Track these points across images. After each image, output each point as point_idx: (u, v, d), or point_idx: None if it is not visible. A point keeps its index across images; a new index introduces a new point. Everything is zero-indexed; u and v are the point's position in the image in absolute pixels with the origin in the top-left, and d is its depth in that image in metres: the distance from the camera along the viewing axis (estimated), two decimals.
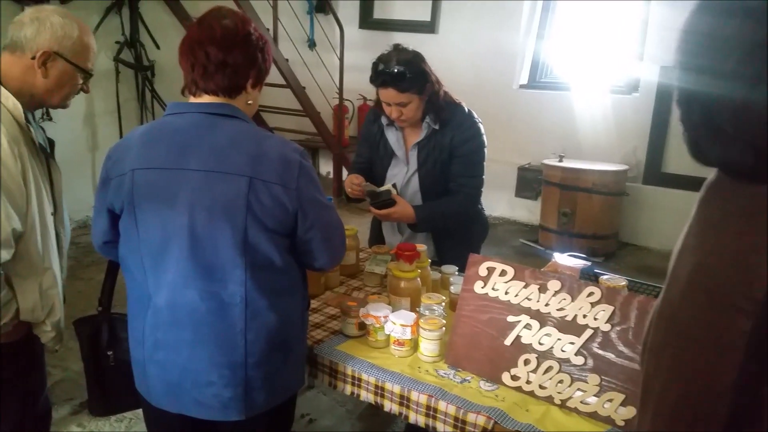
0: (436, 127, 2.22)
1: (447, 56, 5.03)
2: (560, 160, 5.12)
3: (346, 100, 6.20)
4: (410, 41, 2.24)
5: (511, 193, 5.76)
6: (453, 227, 2.30)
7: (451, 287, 1.93)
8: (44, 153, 1.65)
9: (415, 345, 1.66)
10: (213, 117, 1.40)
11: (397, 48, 2.16)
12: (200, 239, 1.36)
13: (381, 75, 2.11)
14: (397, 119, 2.19)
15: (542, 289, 1.53)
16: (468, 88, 2.22)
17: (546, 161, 5.21)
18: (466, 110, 2.26)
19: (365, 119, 2.47)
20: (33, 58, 1.55)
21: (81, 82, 1.68)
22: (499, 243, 5.13)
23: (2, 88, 1.53)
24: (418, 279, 1.85)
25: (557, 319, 1.50)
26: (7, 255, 1.50)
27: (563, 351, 1.48)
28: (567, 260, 1.93)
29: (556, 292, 1.51)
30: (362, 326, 1.72)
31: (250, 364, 1.43)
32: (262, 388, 1.45)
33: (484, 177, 2.28)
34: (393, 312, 1.69)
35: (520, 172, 5.74)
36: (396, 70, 2.07)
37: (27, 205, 1.54)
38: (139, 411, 1.74)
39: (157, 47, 5.15)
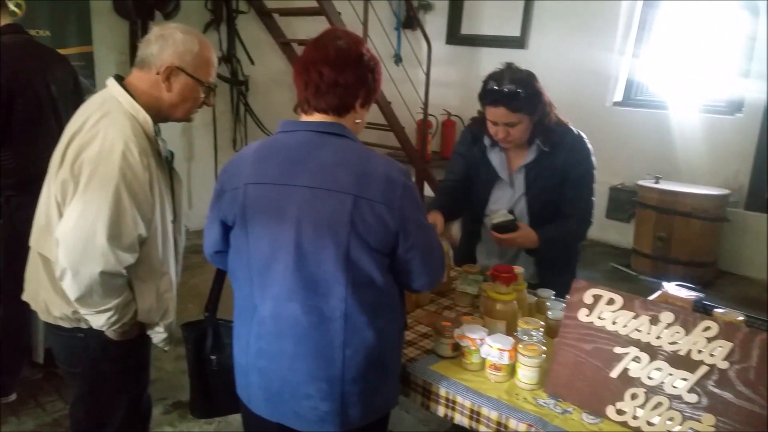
0: (546, 149, 2.15)
1: (536, 72, 4.94)
2: (657, 182, 4.89)
3: (430, 115, 6.20)
4: (498, 57, 2.19)
5: (602, 213, 5.54)
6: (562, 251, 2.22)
7: (548, 312, 1.86)
8: (168, 164, 1.73)
9: (512, 371, 1.60)
10: (322, 135, 1.43)
11: (510, 66, 2.09)
12: (305, 254, 1.39)
13: (492, 93, 2.05)
14: (503, 140, 2.13)
15: (654, 320, 1.44)
16: (559, 104, 2.17)
17: (641, 182, 4.99)
18: (575, 132, 2.20)
19: (461, 138, 2.41)
20: (158, 73, 1.65)
21: (203, 95, 1.74)
22: (588, 266, 4.94)
23: (134, 103, 1.63)
24: (515, 302, 1.80)
25: (669, 353, 1.41)
26: (132, 259, 1.60)
27: (674, 387, 1.39)
28: (678, 291, 1.82)
29: (669, 325, 1.42)
30: (456, 347, 1.69)
31: (347, 380, 1.43)
32: (358, 403, 1.46)
33: (594, 199, 2.21)
34: (489, 335, 1.64)
35: (612, 193, 5.53)
36: (509, 89, 2.01)
37: (152, 212, 1.62)
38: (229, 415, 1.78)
39: (252, 63, 5.35)
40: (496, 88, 2.03)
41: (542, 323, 1.70)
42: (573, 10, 5.69)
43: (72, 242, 1.53)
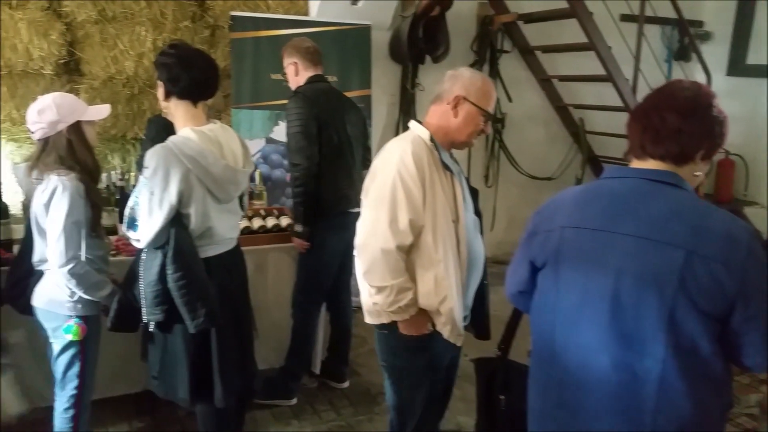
0: None
1: None
2: None
3: None
4: None
5: None
6: None
7: None
8: (449, 171, 1.96)
9: None
10: (654, 183, 1.35)
11: None
12: (623, 307, 1.31)
13: None
14: None
15: None
16: None
17: None
18: None
19: None
20: (447, 103, 1.97)
21: (482, 123, 1.99)
22: None
23: (419, 125, 2.01)
24: None
25: None
26: (407, 241, 1.88)
27: None
28: None
29: None
30: None
31: None
32: None
33: None
34: None
35: None
36: None
37: (422, 203, 1.89)
38: None
39: (510, 100, 5.38)
40: None
41: None
42: None
43: (364, 224, 1.94)
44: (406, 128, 5.18)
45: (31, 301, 2.19)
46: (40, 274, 2.17)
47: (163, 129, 3.34)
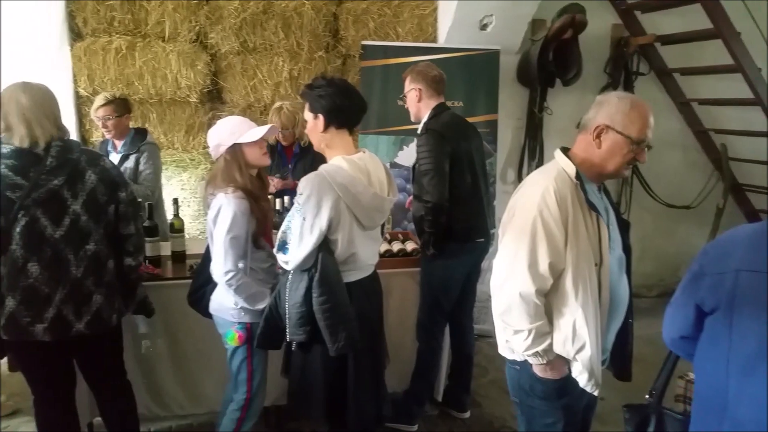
0: None
1: None
2: None
3: None
4: None
5: None
6: None
7: None
8: (595, 212, 1.83)
9: None
10: None
11: None
12: None
13: None
14: None
15: None
16: None
17: None
18: None
19: None
20: (590, 133, 1.84)
21: (632, 152, 1.80)
22: None
23: (565, 158, 1.89)
24: None
25: None
26: (546, 285, 1.79)
27: None
28: None
29: None
30: None
31: None
32: None
33: None
34: None
35: None
36: None
37: (564, 245, 1.78)
38: None
39: None
40: None
41: None
42: None
43: (501, 264, 1.85)
44: (532, 153, 5.05)
45: (208, 307, 2.40)
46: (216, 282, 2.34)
47: None
